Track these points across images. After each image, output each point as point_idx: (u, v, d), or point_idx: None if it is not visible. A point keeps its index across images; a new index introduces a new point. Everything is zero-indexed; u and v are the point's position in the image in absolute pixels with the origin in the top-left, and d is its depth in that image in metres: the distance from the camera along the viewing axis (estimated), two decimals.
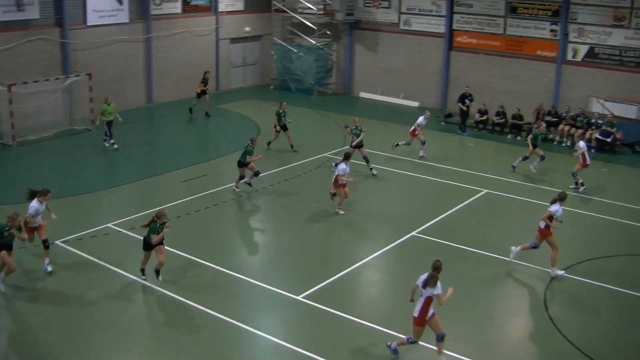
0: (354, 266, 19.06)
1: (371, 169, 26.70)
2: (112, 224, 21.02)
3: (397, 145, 29.14)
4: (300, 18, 42.34)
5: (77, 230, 20.51)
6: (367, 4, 41.53)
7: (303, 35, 42.42)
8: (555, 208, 18.54)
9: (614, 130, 31.95)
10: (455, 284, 17.98)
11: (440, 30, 39.20)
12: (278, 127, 29.08)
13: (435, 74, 39.61)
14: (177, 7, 38.91)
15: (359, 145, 26.43)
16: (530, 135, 28.17)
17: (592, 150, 31.61)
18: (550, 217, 18.50)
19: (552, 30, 36.07)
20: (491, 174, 27.54)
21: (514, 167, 28.17)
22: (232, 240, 20.91)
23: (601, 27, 34.73)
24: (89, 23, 34.52)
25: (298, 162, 27.60)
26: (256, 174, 24.12)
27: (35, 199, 17.84)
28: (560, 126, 33.29)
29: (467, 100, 34.30)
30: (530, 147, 27.68)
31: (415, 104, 40.19)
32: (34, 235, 18.06)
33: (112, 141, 29.05)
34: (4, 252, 16.54)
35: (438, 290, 13.88)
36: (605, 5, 34.21)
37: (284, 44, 42.94)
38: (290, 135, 29.30)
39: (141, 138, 31.44)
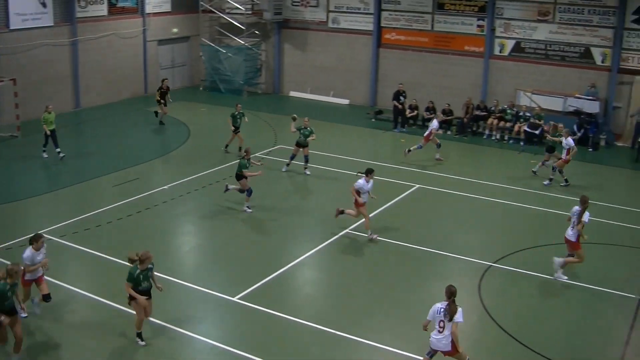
0: (289, 265, 19.00)
1: (305, 168, 26.64)
2: (43, 231, 20.50)
3: (409, 150, 28.67)
4: (228, 18, 42.12)
5: (6, 239, 19.99)
6: (294, 3, 41.48)
7: (231, 36, 42.20)
8: (585, 216, 17.99)
9: (541, 122, 32.49)
10: (389, 279, 18.30)
11: (368, 28, 39.36)
12: (233, 128, 28.75)
13: (364, 71, 39.77)
14: (103, 10, 38.27)
15: (304, 145, 26.24)
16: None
17: (521, 143, 32.23)
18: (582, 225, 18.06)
19: (479, 26, 36.55)
20: (422, 169, 27.75)
21: (534, 172, 27.84)
22: (165, 244, 20.62)
23: (527, 22, 35.34)
24: (12, 27, 33.68)
25: (229, 163, 27.37)
26: (248, 192, 22.90)
27: (29, 247, 15.32)
28: (489, 120, 33.70)
29: (401, 98, 34.50)
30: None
31: (345, 101, 40.33)
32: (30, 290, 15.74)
33: (57, 150, 28.03)
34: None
35: (459, 317, 13.06)
36: (530, 1, 34.90)
37: (213, 45, 42.61)
38: (241, 137, 28.92)
39: (70, 143, 30.78)
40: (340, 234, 21.10)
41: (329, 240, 20.65)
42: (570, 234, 18.08)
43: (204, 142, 30.57)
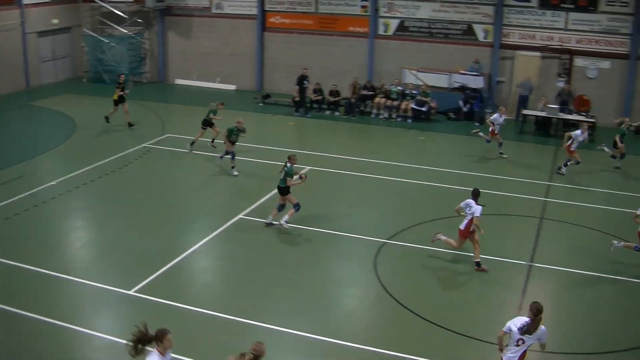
0: (183, 255, 18.44)
1: (225, 160, 25.56)
2: None
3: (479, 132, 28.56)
4: (109, 7, 40.73)
5: None
6: None
7: (114, 25, 40.86)
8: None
9: (428, 99, 32.86)
10: (287, 262, 18.04)
11: (252, 12, 38.89)
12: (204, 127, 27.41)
13: (250, 56, 39.34)
14: None
15: (233, 141, 24.98)
16: (618, 135, 26.94)
17: (409, 120, 32.49)
18: None
19: (363, 7, 36.63)
20: (313, 150, 27.53)
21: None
22: (56, 241, 19.70)
23: (410, 1, 35.61)
24: None
25: (118, 155, 26.50)
26: (295, 206, 20.22)
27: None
28: (377, 99, 33.81)
29: (305, 82, 34.15)
30: (619, 144, 26.68)
31: (232, 87, 39.84)
32: None
33: None
34: None
35: (544, 339, 12.01)
36: None
37: (95, 35, 41.21)
38: (217, 131, 27.33)
39: None
40: (234, 219, 20.66)
41: (223, 227, 20.19)
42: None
43: (90, 135, 29.50)
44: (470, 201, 17.54)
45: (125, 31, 40.59)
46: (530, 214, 21.83)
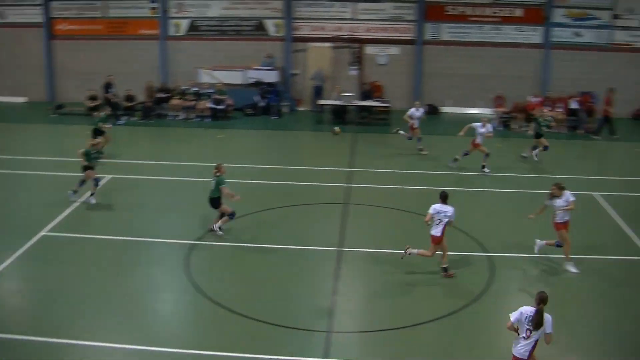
0: None
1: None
2: None
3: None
4: None
5: None
6: None
7: None
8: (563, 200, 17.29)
9: (224, 97, 32.74)
10: (96, 274, 17.22)
11: (37, 20, 37.33)
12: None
13: (39, 65, 37.77)
14: None
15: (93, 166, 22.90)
16: (532, 125, 27.27)
17: (207, 120, 32.25)
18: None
19: (152, 8, 36.06)
20: (113, 158, 26.44)
21: (525, 157, 27.30)
22: None
23: (199, 0, 35.34)
24: None
25: None
26: (231, 215, 19.55)
27: None
28: (173, 101, 33.34)
29: (111, 89, 33.03)
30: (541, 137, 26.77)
31: (23, 99, 38.09)
32: None
33: None
34: None
35: (549, 328, 11.56)
36: None
37: None
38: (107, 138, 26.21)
39: None
40: (36, 237, 19.46)
41: (25, 246, 18.97)
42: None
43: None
44: (441, 205, 16.91)
45: None
46: (335, 201, 22.08)
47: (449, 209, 16.67)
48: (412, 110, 27.82)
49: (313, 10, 35.30)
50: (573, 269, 17.26)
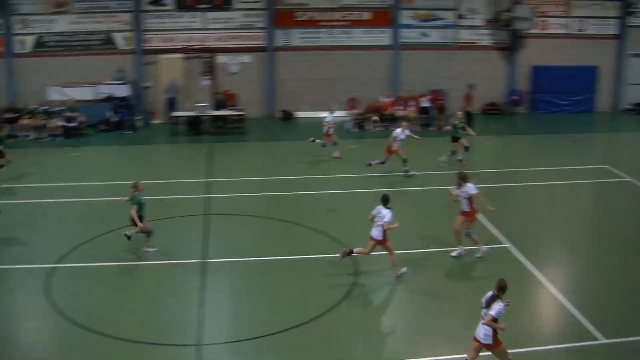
0: None
1: None
2: None
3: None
4: None
5: None
6: None
7: None
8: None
9: (76, 114, 32.07)
10: None
11: None
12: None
13: None
14: None
15: None
16: (450, 127, 27.38)
17: (59, 138, 31.48)
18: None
19: None
20: None
21: (440, 162, 27.27)
22: None
23: (44, 15, 34.45)
24: None
25: None
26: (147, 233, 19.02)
27: None
28: (22, 121, 32.26)
29: None
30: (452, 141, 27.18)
31: None
32: None
33: None
34: None
35: (494, 310, 12.12)
36: None
37: None
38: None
39: None
40: None
41: None
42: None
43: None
44: (381, 208, 17.23)
45: None
46: (196, 213, 22.05)
47: (385, 212, 17.12)
48: (326, 115, 28.46)
49: (162, 22, 35.03)
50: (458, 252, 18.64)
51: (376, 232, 17.17)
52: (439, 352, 14.17)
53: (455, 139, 27.23)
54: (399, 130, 25.86)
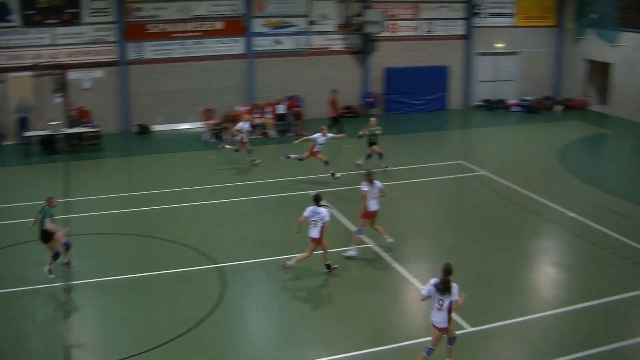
0: None
1: None
2: None
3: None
4: None
5: None
6: None
7: None
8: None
9: None
10: None
11: None
12: None
13: None
14: None
15: None
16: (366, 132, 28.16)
17: None
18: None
19: None
20: None
21: (359, 164, 28.22)
22: None
23: None
24: None
25: None
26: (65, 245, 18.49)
27: None
28: None
29: None
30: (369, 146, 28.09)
31: None
32: None
33: None
34: None
35: (456, 295, 13.23)
36: None
37: None
38: None
39: None
40: None
41: None
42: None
43: None
44: (314, 207, 17.50)
45: None
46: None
47: (322, 211, 17.57)
48: (240, 123, 29.07)
49: (8, 39, 33.96)
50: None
51: (315, 232, 17.70)
52: (312, 355, 14.61)
53: (371, 144, 28.21)
54: (318, 134, 26.71)
